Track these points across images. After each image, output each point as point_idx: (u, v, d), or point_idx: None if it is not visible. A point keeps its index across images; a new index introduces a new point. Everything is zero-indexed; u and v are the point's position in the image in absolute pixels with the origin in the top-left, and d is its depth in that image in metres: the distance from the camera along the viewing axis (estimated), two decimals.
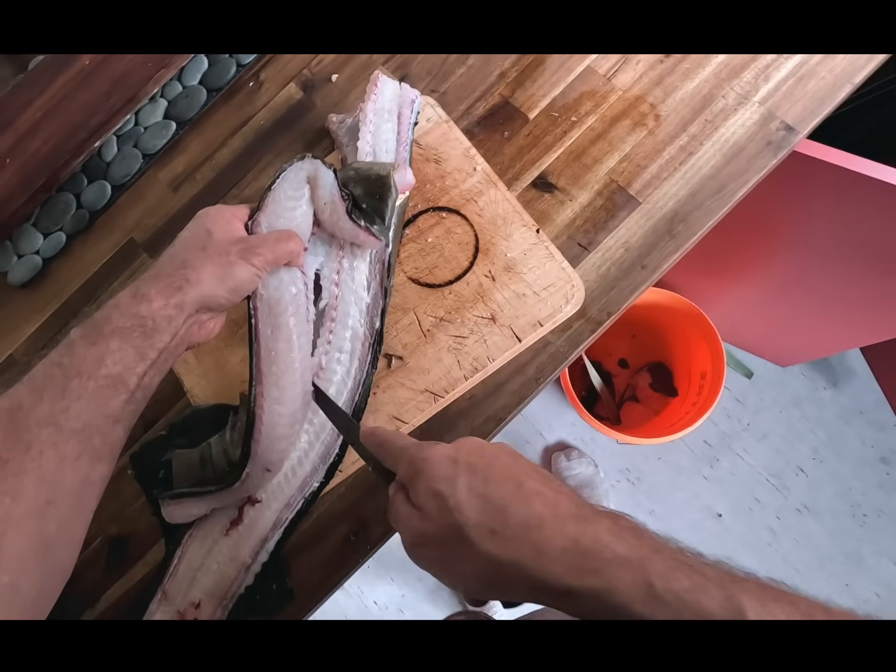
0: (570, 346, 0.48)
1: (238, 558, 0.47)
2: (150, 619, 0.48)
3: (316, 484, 0.48)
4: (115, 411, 0.32)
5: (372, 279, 0.49)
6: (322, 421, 0.48)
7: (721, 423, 1.27)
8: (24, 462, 0.28)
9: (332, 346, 0.48)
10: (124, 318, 0.34)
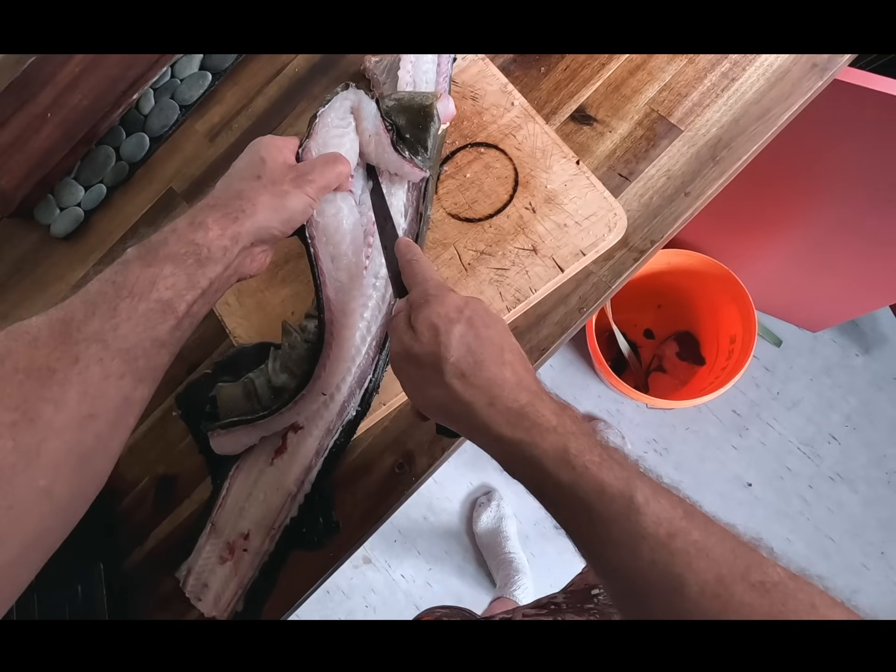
0: (613, 276, 0.48)
1: (283, 487, 0.48)
2: (199, 552, 0.49)
3: (353, 412, 0.48)
4: (161, 335, 0.33)
5: (409, 206, 0.49)
6: (356, 346, 0.48)
7: (750, 391, 1.26)
8: (70, 374, 0.29)
9: (367, 272, 0.48)
10: (180, 243, 0.34)
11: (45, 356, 0.29)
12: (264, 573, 0.49)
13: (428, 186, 0.49)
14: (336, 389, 0.48)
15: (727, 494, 1.23)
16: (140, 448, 0.54)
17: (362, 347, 0.48)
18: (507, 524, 1.27)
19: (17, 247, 0.63)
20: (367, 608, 1.35)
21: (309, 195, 0.40)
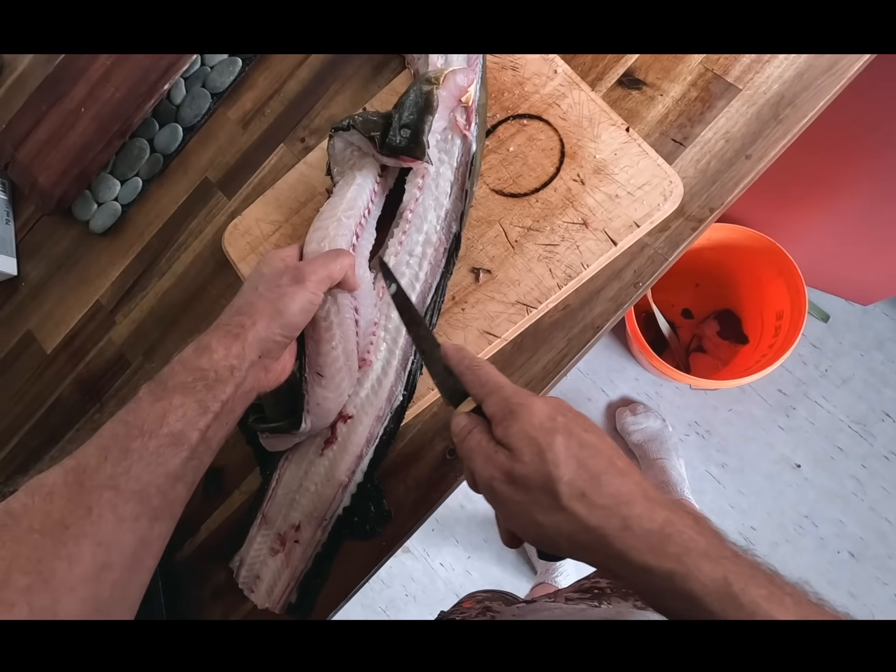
0: (670, 247, 0.46)
1: (335, 478, 0.47)
2: (251, 543, 0.49)
3: (400, 397, 0.47)
4: (175, 469, 0.32)
5: (455, 183, 0.47)
6: (396, 326, 0.47)
7: (796, 370, 1.21)
8: (84, 527, 0.29)
9: (402, 248, 0.47)
10: (187, 371, 0.34)
11: (59, 510, 0.29)
12: (317, 564, 0.48)
13: (475, 162, 0.47)
14: (383, 374, 0.47)
15: (775, 476, 1.19)
16: None
17: (402, 326, 0.47)
18: None
19: (58, 244, 0.63)
20: (408, 597, 1.35)
21: (308, 289, 0.37)
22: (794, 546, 1.16)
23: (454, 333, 0.48)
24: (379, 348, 0.47)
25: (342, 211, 0.44)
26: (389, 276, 0.42)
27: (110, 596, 0.29)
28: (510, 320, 0.47)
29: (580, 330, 0.46)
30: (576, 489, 0.28)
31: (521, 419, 0.30)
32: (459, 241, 0.47)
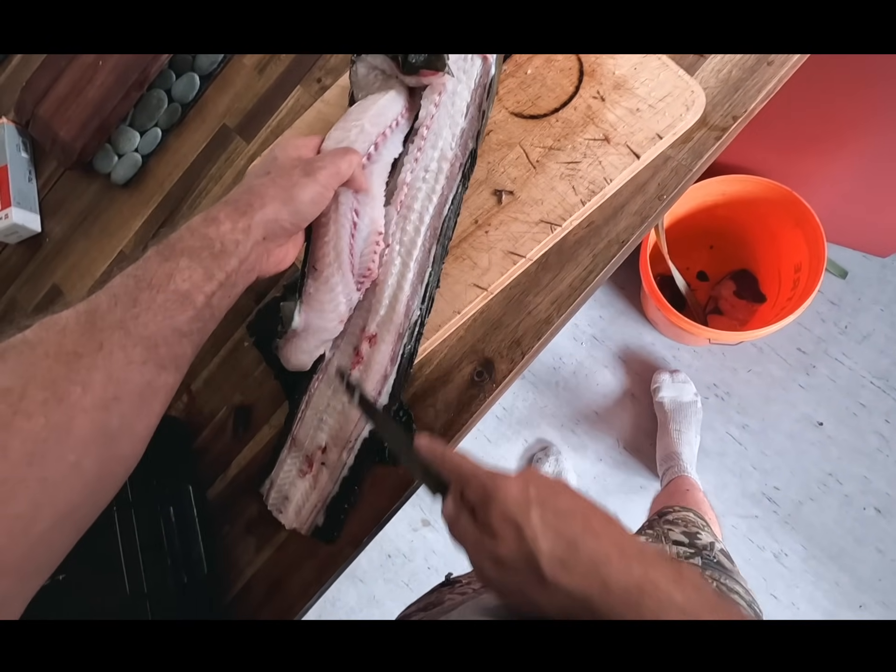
0: (693, 157, 0.45)
1: None
2: (280, 465, 0.49)
3: (418, 311, 0.47)
4: (181, 325, 0.34)
5: (472, 103, 0.47)
6: (411, 238, 0.47)
7: (815, 327, 1.20)
8: (95, 359, 0.30)
9: (418, 164, 0.47)
10: (194, 238, 0.35)
11: (72, 343, 0.30)
12: (344, 487, 0.48)
13: (493, 83, 0.47)
14: (399, 288, 0.47)
15: (797, 435, 1.18)
16: (215, 380, 0.55)
17: (417, 238, 0.47)
18: (566, 478, 1.25)
19: (81, 198, 0.64)
20: (430, 569, 1.36)
21: (319, 182, 0.39)
22: (819, 504, 1.15)
23: (479, 256, 0.48)
24: (394, 262, 0.47)
25: (369, 117, 0.44)
26: (349, 388, 0.43)
27: (119, 426, 0.31)
28: (534, 239, 0.47)
29: (605, 245, 0.46)
30: (556, 559, 0.29)
31: (498, 501, 0.31)
32: (475, 158, 0.47)
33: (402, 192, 0.46)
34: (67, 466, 0.29)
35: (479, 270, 0.48)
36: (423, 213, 0.46)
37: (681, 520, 0.73)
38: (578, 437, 1.30)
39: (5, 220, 0.61)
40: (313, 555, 0.49)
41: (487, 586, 0.33)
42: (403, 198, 0.46)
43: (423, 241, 0.46)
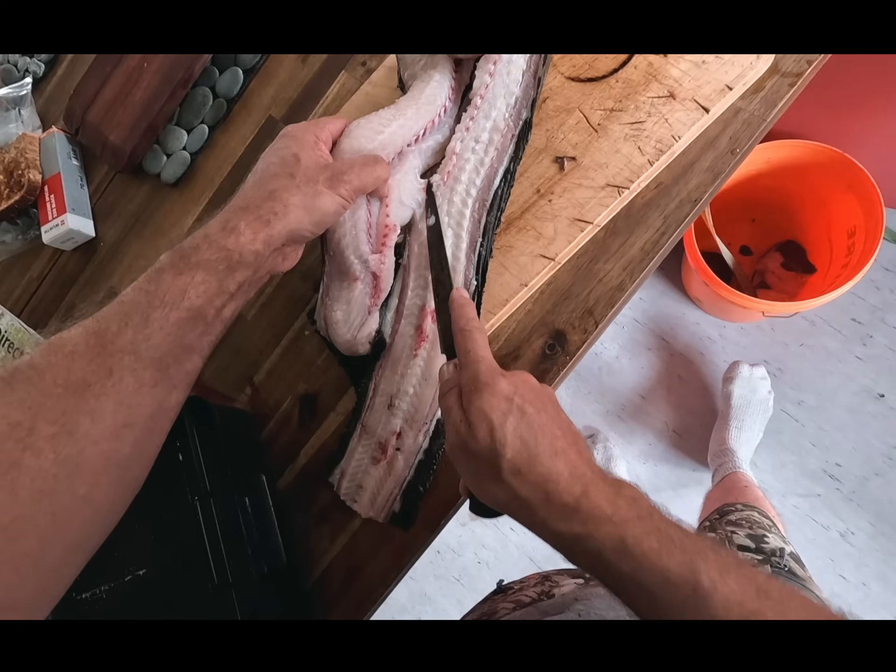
0: (767, 107, 0.43)
1: (432, 375, 0.46)
2: (351, 454, 0.49)
3: (475, 281, 0.46)
4: (191, 342, 0.33)
5: (527, 71, 0.46)
6: (459, 209, 0.45)
7: (870, 296, 1.15)
8: (105, 386, 0.30)
9: (468, 134, 0.46)
10: (212, 249, 0.34)
11: (81, 369, 0.30)
12: (419, 472, 0.47)
13: None
14: (454, 259, 0.46)
15: (856, 408, 1.13)
16: (278, 370, 0.54)
17: (465, 210, 0.45)
18: (616, 465, 1.22)
19: (133, 200, 0.64)
20: (480, 564, 1.34)
21: (343, 196, 0.38)
22: (885, 479, 1.10)
23: (543, 226, 0.46)
24: (446, 234, 0.46)
25: (420, 104, 0.44)
26: (432, 207, 0.42)
27: (130, 452, 0.31)
28: (601, 204, 0.45)
29: (677, 205, 0.44)
30: (513, 466, 0.32)
31: (483, 398, 0.33)
32: (530, 127, 0.46)
33: (451, 161, 0.45)
34: (77, 500, 0.28)
35: (544, 240, 0.46)
36: (469, 186, 0.45)
37: (744, 520, 0.70)
38: (625, 422, 1.27)
39: (61, 226, 0.62)
40: (389, 540, 0.48)
41: (451, 459, 0.36)
42: (452, 168, 0.45)
43: (472, 212, 0.45)
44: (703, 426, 1.22)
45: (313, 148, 0.40)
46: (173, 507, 0.48)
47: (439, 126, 0.47)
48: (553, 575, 0.60)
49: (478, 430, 0.32)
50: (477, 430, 0.32)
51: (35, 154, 0.64)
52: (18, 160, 0.63)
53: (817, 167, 0.96)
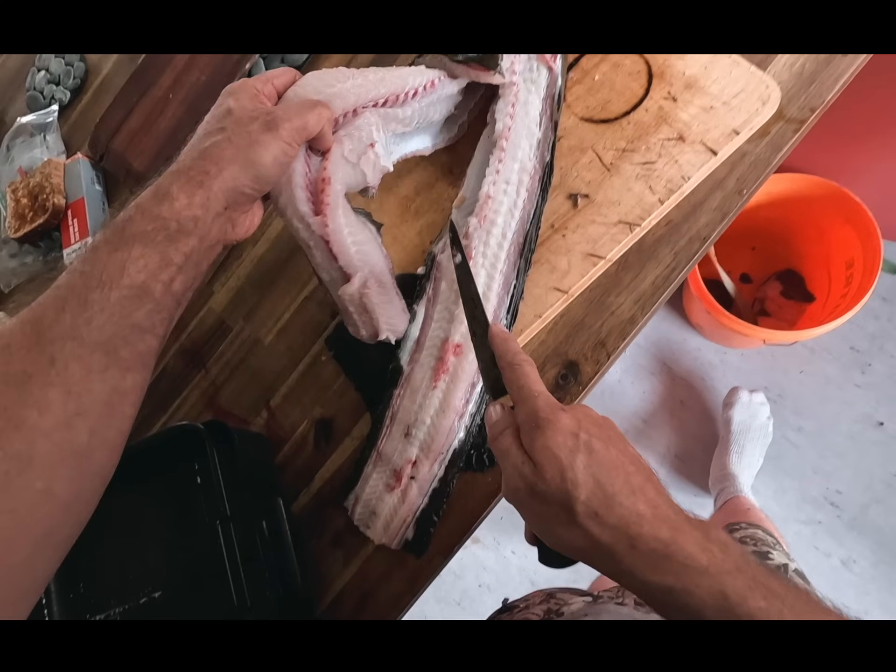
0: (772, 151, 0.45)
1: (450, 407, 0.47)
2: (366, 480, 0.49)
3: (504, 320, 0.47)
4: (141, 321, 0.31)
5: (543, 114, 0.48)
6: (494, 252, 0.47)
7: (868, 324, 1.17)
8: (48, 376, 0.28)
9: (500, 177, 0.47)
10: (146, 220, 0.32)
11: (19, 361, 0.28)
12: (434, 500, 0.48)
13: (561, 92, 0.48)
14: (484, 298, 0.47)
15: (857, 436, 1.14)
16: (295, 394, 0.56)
17: (500, 253, 0.47)
18: None
19: None
20: (481, 587, 1.33)
21: (282, 138, 0.34)
22: (885, 507, 1.11)
23: (557, 259, 0.48)
24: (478, 274, 0.47)
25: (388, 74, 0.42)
26: (456, 245, 0.41)
27: (88, 441, 0.29)
28: (614, 240, 0.47)
29: (686, 242, 0.46)
30: (590, 509, 0.30)
31: (546, 435, 0.31)
32: (552, 170, 0.48)
33: (487, 205, 0.47)
34: (36, 494, 0.27)
35: (558, 274, 0.48)
36: (505, 228, 0.47)
37: (749, 538, 0.70)
38: None
39: (83, 249, 0.63)
40: (402, 566, 0.49)
41: (513, 504, 0.33)
42: (487, 212, 0.46)
43: (507, 255, 0.47)
44: (705, 451, 1.22)
45: (251, 100, 0.36)
46: (190, 529, 0.49)
47: (404, 104, 0.44)
48: (557, 593, 0.61)
49: (546, 470, 0.30)
50: (545, 471, 0.30)
51: (60, 179, 0.66)
52: (43, 185, 0.65)
53: (817, 200, 0.98)
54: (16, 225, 0.66)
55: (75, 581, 0.52)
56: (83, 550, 0.52)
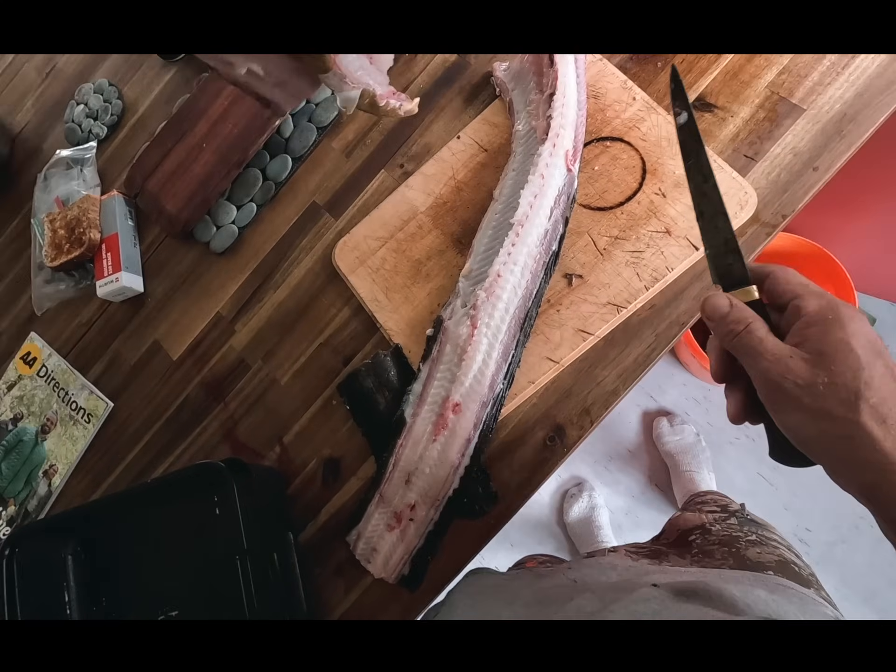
0: (747, 251, 0.51)
1: (447, 460, 0.53)
2: (368, 519, 0.55)
3: (501, 384, 0.52)
4: None
5: (556, 207, 0.53)
6: (497, 324, 0.52)
7: None
8: None
9: (510, 258, 0.52)
10: None
11: None
12: (429, 541, 0.54)
13: (575, 193, 0.54)
14: (485, 365, 0.52)
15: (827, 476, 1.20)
16: (306, 434, 0.61)
17: (502, 326, 0.52)
18: (599, 514, 1.29)
19: (182, 262, 0.71)
20: None
21: None
22: (850, 546, 1.17)
23: (551, 332, 0.53)
24: (481, 342, 0.53)
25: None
26: (680, 100, 0.37)
27: None
28: (602, 319, 0.52)
29: (667, 326, 0.52)
30: (879, 413, 0.28)
31: (848, 331, 0.29)
32: (557, 258, 0.53)
33: (497, 282, 0.52)
34: None
35: (551, 345, 0.53)
36: (509, 304, 0.52)
37: (710, 500, 0.77)
38: (612, 473, 1.34)
39: (115, 283, 0.68)
40: (397, 599, 0.54)
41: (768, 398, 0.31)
42: (496, 288, 0.52)
43: (508, 327, 0.52)
44: None
45: None
46: (208, 555, 0.55)
47: None
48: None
49: (836, 363, 0.29)
50: (834, 364, 0.29)
51: (96, 214, 0.71)
52: (81, 219, 0.70)
53: (799, 257, 1.04)
54: (52, 254, 0.71)
55: (97, 596, 0.58)
56: (108, 568, 0.57)
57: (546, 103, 0.55)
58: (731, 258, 0.35)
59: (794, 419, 0.31)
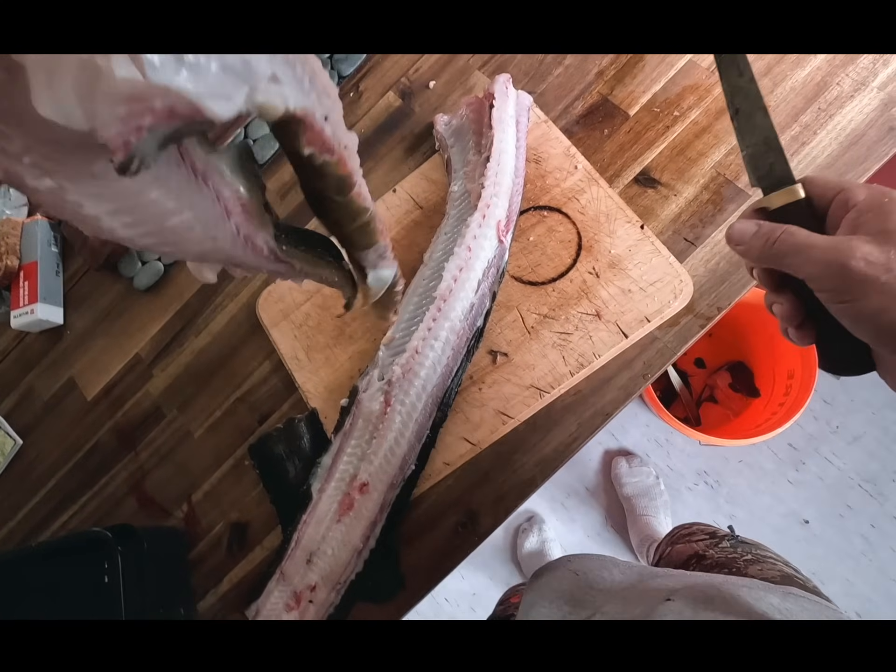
0: (679, 342, 0.48)
1: (350, 543, 0.50)
2: (268, 596, 0.52)
3: (413, 466, 0.49)
4: None
5: (484, 280, 0.50)
6: (413, 402, 0.49)
7: (807, 424, 1.22)
8: None
9: (430, 334, 0.49)
10: None
11: None
12: None
13: (505, 267, 0.51)
14: (396, 444, 0.49)
15: (783, 531, 1.19)
16: (215, 494, 0.58)
17: (418, 404, 0.49)
18: (550, 547, 1.26)
19: (105, 296, 0.67)
20: None
21: None
22: None
23: (471, 411, 0.50)
24: (394, 420, 0.50)
25: None
26: None
27: None
28: (524, 403, 0.49)
29: (591, 415, 0.49)
30: None
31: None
32: (482, 335, 0.50)
33: (414, 358, 0.49)
34: None
35: (470, 425, 0.50)
36: (426, 382, 0.49)
37: (697, 530, 0.74)
38: (568, 510, 1.32)
39: (30, 315, 0.65)
40: None
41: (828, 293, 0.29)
42: (413, 364, 0.49)
43: (424, 406, 0.49)
44: None
45: None
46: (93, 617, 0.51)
47: None
48: None
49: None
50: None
51: (16, 240, 0.67)
52: None
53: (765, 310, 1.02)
54: None
55: None
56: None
57: (482, 166, 0.52)
58: (773, 156, 0.31)
59: (873, 303, 0.27)
